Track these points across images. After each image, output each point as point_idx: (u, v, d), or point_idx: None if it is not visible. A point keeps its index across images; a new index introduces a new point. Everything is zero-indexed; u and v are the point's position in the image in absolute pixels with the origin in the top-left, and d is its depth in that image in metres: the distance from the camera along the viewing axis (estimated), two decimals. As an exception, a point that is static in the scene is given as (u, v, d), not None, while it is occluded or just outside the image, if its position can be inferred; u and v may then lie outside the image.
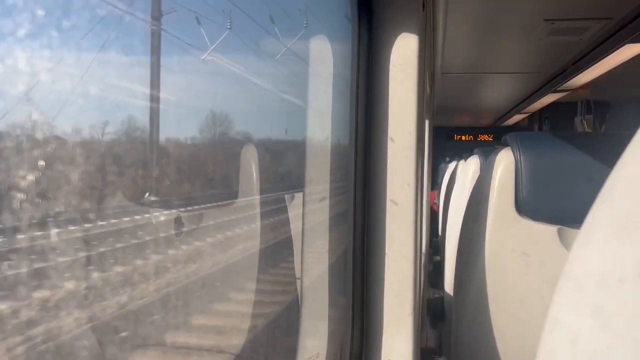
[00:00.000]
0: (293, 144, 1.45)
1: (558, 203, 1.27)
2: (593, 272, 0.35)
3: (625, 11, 2.34)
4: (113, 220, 0.83)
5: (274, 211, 1.46)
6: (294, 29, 1.32)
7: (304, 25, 1.33)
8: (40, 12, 0.56)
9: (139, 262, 0.96)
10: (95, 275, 0.79)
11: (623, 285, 0.32)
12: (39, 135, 0.58)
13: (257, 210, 1.37)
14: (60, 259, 0.68)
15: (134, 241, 0.95)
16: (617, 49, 2.88)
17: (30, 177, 0.56)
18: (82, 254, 0.76)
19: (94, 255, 0.78)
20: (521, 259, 1.27)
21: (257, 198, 1.38)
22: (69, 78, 0.62)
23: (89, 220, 0.74)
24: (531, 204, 1.29)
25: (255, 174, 1.36)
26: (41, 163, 0.58)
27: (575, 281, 0.37)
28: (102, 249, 0.80)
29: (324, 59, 1.27)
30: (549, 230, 1.26)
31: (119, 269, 0.86)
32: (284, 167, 1.59)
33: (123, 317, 0.88)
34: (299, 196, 1.37)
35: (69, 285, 0.71)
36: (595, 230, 0.36)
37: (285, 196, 1.45)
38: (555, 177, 1.29)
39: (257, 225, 1.34)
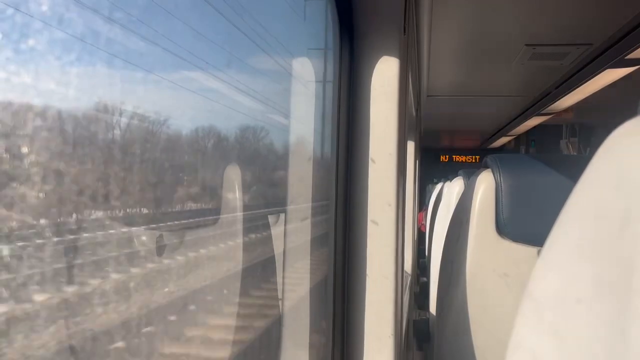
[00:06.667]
0: (275, 164, 1.45)
1: (538, 224, 1.28)
2: (551, 294, 0.36)
3: (604, 37, 2.41)
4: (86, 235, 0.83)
5: (256, 232, 1.46)
6: (276, 50, 1.34)
7: (287, 46, 1.35)
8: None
9: (107, 279, 0.95)
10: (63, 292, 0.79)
11: (579, 305, 0.33)
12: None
13: (240, 233, 1.37)
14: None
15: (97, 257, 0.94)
16: (598, 73, 2.95)
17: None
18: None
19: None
20: (501, 279, 1.27)
21: (239, 219, 1.38)
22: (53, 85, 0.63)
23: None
24: (511, 225, 1.30)
25: (238, 194, 1.36)
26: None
27: (535, 303, 0.37)
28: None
29: (307, 80, 1.28)
30: (529, 252, 1.27)
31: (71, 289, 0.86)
32: (266, 186, 1.59)
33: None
34: (281, 216, 1.37)
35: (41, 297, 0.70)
36: (553, 252, 0.37)
37: (268, 217, 1.45)
38: (535, 199, 1.30)
39: (238, 246, 1.34)
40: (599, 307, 0.32)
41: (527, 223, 1.29)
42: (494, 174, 1.33)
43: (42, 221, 0.66)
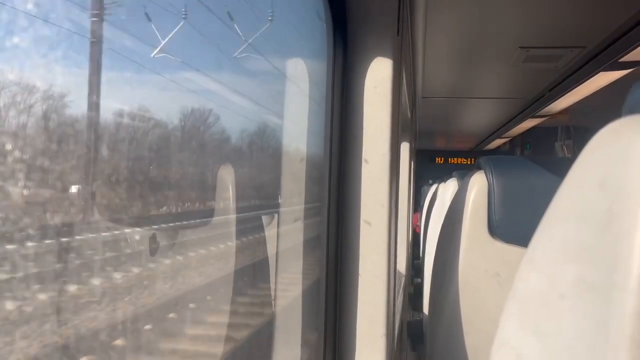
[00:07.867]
0: (268, 164, 1.45)
1: (530, 225, 1.28)
2: (535, 292, 0.36)
3: (597, 40, 2.42)
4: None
5: (249, 234, 1.46)
6: (270, 51, 1.34)
7: (280, 47, 1.35)
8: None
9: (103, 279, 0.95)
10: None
11: (563, 302, 0.33)
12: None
13: (233, 231, 1.37)
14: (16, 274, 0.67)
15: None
16: (592, 76, 2.97)
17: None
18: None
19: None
20: (494, 280, 1.28)
21: (233, 218, 1.38)
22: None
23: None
24: (503, 226, 1.30)
25: (232, 194, 1.36)
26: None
27: (520, 301, 0.37)
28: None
29: (300, 81, 1.28)
30: (520, 252, 1.27)
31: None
32: (259, 187, 1.59)
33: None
34: (273, 217, 1.38)
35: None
36: (538, 251, 0.37)
37: (262, 217, 1.45)
38: (527, 200, 1.31)
39: (231, 246, 1.34)
40: (582, 304, 0.32)
41: (518, 224, 1.30)
42: (486, 175, 1.33)
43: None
